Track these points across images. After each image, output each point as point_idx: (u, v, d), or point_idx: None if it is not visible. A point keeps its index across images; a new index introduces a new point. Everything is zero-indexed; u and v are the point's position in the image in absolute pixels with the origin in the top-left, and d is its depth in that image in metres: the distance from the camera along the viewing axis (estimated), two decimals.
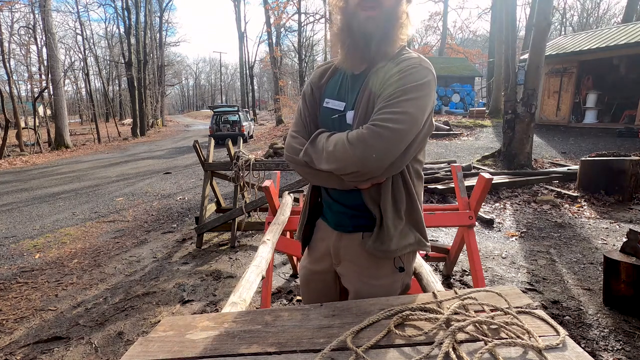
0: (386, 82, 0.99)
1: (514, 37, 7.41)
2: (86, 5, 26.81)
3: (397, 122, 0.93)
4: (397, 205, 1.06)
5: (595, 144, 9.40)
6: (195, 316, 0.99)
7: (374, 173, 0.98)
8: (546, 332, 0.81)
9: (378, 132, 0.93)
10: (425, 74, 0.98)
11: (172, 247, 4.25)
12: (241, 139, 4.95)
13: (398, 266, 1.12)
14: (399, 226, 1.07)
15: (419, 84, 0.96)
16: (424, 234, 1.14)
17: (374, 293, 1.11)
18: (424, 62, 1.01)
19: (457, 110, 20.20)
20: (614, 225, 4.26)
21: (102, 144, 18.71)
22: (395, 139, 0.93)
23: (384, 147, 0.93)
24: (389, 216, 1.05)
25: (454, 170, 2.69)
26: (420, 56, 1.03)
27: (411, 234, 1.10)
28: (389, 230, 1.05)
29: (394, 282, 1.14)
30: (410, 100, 0.94)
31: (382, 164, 0.95)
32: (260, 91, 65.09)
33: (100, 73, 27.71)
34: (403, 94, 0.95)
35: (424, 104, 0.97)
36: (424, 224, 1.13)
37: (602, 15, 33.68)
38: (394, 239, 1.06)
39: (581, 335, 2.29)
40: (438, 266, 3.39)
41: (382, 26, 1.02)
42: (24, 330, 2.69)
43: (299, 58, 25.72)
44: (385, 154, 0.94)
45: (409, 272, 1.18)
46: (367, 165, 0.95)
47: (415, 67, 0.98)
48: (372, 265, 1.12)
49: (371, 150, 0.93)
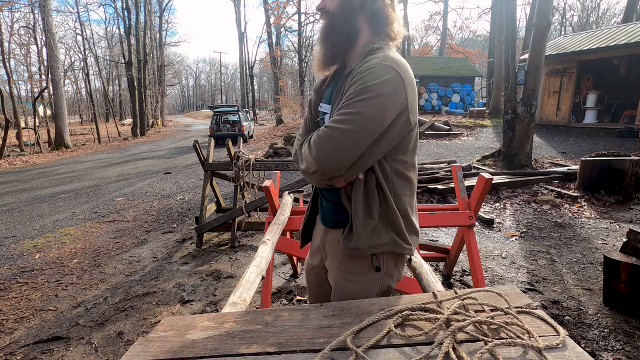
0: (350, 83, 1.01)
1: (514, 37, 7.42)
2: (86, 5, 26.78)
3: (346, 123, 0.96)
4: (368, 204, 1.06)
5: (595, 144, 9.39)
6: (195, 316, 0.99)
7: (334, 172, 1.01)
8: (546, 332, 0.81)
9: (328, 133, 0.98)
10: (384, 72, 0.97)
11: (172, 247, 4.25)
12: (241, 139, 4.95)
13: (375, 265, 1.11)
14: (369, 225, 1.06)
15: (375, 83, 0.96)
16: (402, 236, 1.09)
17: (350, 290, 1.14)
18: (386, 61, 0.99)
19: (457, 110, 20.20)
20: (614, 225, 4.26)
21: (102, 144, 18.72)
22: (343, 139, 0.96)
23: (332, 147, 0.97)
24: (358, 215, 1.06)
25: (454, 170, 2.69)
26: (386, 55, 1.01)
27: (385, 234, 1.08)
28: (357, 229, 1.06)
29: (369, 280, 1.13)
30: (364, 100, 0.95)
31: (336, 164, 0.99)
32: (260, 91, 65.10)
33: (100, 73, 27.68)
34: (358, 94, 0.96)
35: (382, 102, 0.96)
36: (402, 226, 1.09)
37: (602, 15, 33.70)
38: (362, 238, 1.06)
39: (581, 335, 2.29)
40: (438, 266, 3.39)
41: (334, 33, 1.11)
42: (24, 330, 2.69)
43: (299, 58, 25.72)
44: (335, 154, 0.97)
45: (390, 273, 1.14)
46: (322, 165, 1.00)
47: (374, 67, 0.98)
48: (349, 262, 1.14)
49: (322, 151, 0.98)
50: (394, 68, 0.98)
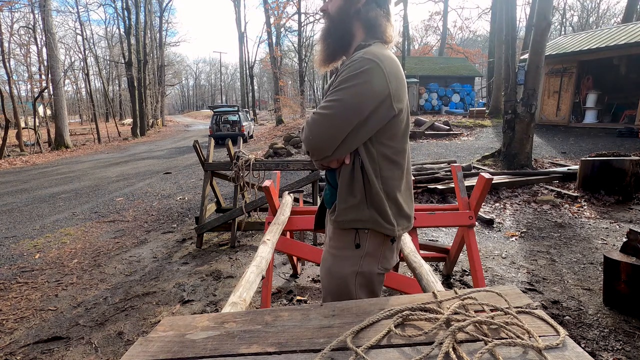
0: (337, 75, 1.13)
1: (514, 37, 7.42)
2: (86, 5, 26.79)
3: (328, 109, 1.08)
4: (352, 182, 1.15)
5: (595, 144, 9.39)
6: (195, 316, 0.99)
7: (321, 152, 1.12)
8: (546, 332, 0.81)
9: (314, 118, 1.10)
10: (363, 64, 1.07)
11: (172, 247, 4.25)
12: (241, 139, 4.95)
13: (356, 242, 1.18)
14: (350, 201, 1.16)
15: (355, 73, 1.06)
16: (385, 215, 1.16)
17: (330, 264, 1.23)
18: (367, 54, 1.09)
19: (457, 110, 20.20)
20: (614, 225, 4.26)
21: (102, 144, 18.72)
22: (325, 123, 1.08)
23: (317, 130, 1.09)
24: (341, 192, 1.17)
25: (454, 170, 2.69)
26: (369, 50, 1.11)
27: (366, 211, 1.15)
28: (339, 202, 1.18)
29: (347, 256, 1.19)
30: (344, 89, 1.06)
31: (321, 144, 1.10)
32: (260, 91, 65.10)
33: (100, 73, 27.69)
34: (340, 84, 1.08)
35: (360, 90, 1.05)
36: (386, 206, 1.15)
37: (602, 15, 33.70)
38: (341, 210, 1.17)
39: (581, 335, 2.29)
40: (438, 266, 3.39)
41: (332, 34, 1.23)
42: (24, 330, 2.69)
43: (299, 58, 25.71)
44: (320, 136, 1.09)
45: (372, 255, 1.19)
46: (309, 146, 1.12)
47: (355, 60, 1.09)
48: (334, 235, 1.23)
49: (309, 133, 1.11)
50: (373, 60, 1.07)
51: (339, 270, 1.20)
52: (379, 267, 1.21)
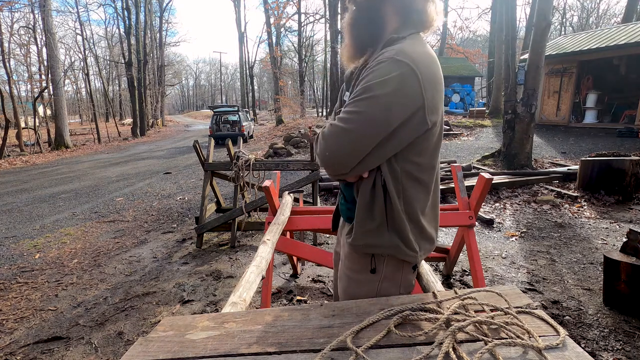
0: (361, 78, 0.96)
1: (514, 37, 7.41)
2: (86, 5, 26.80)
3: (347, 122, 0.92)
4: (372, 203, 1.01)
5: (595, 144, 9.39)
6: (195, 316, 0.99)
7: (339, 170, 0.96)
8: (546, 332, 0.81)
9: (331, 130, 0.95)
10: (392, 69, 0.89)
11: (172, 247, 4.25)
12: (241, 139, 4.95)
13: (372, 267, 1.06)
14: (369, 224, 1.02)
15: (380, 81, 0.89)
16: (407, 241, 1.02)
17: (347, 286, 1.13)
18: (399, 55, 0.90)
19: (457, 110, 20.19)
20: (614, 225, 4.26)
21: (102, 144, 18.71)
22: (344, 138, 0.92)
23: (335, 146, 0.94)
24: (359, 213, 1.03)
25: (454, 170, 2.69)
26: (402, 48, 0.93)
27: (386, 236, 1.01)
28: (356, 224, 1.03)
29: (363, 281, 1.08)
30: (367, 99, 0.90)
31: (338, 163, 0.95)
32: (260, 91, 65.10)
33: (100, 73, 27.70)
34: (363, 92, 0.91)
35: (387, 101, 0.88)
36: (408, 231, 1.01)
37: (602, 15, 33.70)
38: (359, 234, 1.03)
39: (581, 335, 2.29)
40: (438, 266, 3.39)
41: (358, 23, 1.06)
42: (24, 330, 2.69)
43: (299, 58, 25.72)
44: (338, 152, 0.93)
45: (391, 279, 1.07)
46: (325, 162, 0.97)
47: (383, 62, 0.91)
48: (350, 257, 1.12)
49: (325, 148, 0.95)
50: (406, 62, 0.89)
51: (355, 293, 1.10)
52: (399, 290, 1.08)
